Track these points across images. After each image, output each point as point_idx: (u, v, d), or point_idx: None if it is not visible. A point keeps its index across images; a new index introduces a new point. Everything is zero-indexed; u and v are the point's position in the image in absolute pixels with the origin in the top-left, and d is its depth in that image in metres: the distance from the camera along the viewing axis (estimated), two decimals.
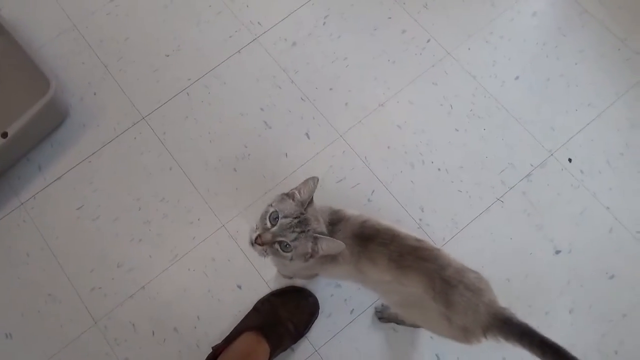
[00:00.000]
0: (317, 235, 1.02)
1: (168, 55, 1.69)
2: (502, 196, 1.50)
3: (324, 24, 1.71)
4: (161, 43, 1.71)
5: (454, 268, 1.03)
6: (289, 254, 1.02)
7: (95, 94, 1.66)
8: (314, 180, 1.05)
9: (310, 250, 1.03)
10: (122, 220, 1.53)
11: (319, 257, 1.05)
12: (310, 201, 1.06)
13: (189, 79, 1.67)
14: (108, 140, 1.61)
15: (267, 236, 1.01)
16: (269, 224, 1.02)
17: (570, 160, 1.53)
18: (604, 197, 1.49)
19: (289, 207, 1.04)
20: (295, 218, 1.02)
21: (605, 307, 1.39)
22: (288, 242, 1.01)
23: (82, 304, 1.45)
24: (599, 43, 1.64)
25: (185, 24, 1.73)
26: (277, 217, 1.02)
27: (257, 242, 1.02)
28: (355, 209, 1.47)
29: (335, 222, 1.12)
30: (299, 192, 1.06)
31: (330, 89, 1.64)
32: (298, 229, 1.01)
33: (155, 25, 1.73)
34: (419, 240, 1.06)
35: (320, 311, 1.42)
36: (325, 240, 1.02)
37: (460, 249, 1.46)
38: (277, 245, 1.02)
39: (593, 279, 1.42)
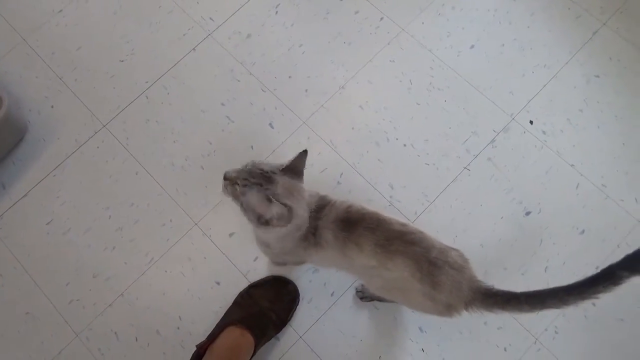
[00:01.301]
0: (271, 197, 1.03)
1: (123, 61, 1.68)
2: (468, 164, 1.52)
3: (277, 12, 1.70)
4: (114, 49, 1.69)
5: (438, 249, 1.06)
6: (240, 202, 1.06)
7: (52, 107, 1.64)
8: (302, 152, 1.09)
9: (259, 210, 1.04)
10: (94, 230, 1.52)
11: (276, 227, 1.05)
12: (294, 172, 1.09)
13: (147, 82, 1.65)
14: (71, 152, 1.59)
15: (231, 174, 1.07)
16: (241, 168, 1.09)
17: (531, 122, 1.55)
18: (568, 154, 1.52)
19: (268, 165, 1.08)
20: (263, 173, 1.05)
21: (578, 262, 1.42)
22: (240, 185, 1.04)
23: (61, 318, 1.44)
24: (549, 4, 1.66)
25: (137, 27, 1.71)
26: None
27: (224, 177, 1.08)
28: (325, 193, 1.50)
29: (321, 207, 1.14)
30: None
31: (289, 77, 1.64)
32: (256, 181, 1.04)
33: (107, 32, 1.71)
34: (403, 225, 1.08)
35: (300, 297, 1.43)
36: (276, 207, 1.02)
37: (433, 221, 1.48)
38: (236, 187, 1.06)
39: (564, 235, 1.45)
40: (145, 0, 1.73)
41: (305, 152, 1.10)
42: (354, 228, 1.09)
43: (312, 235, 1.14)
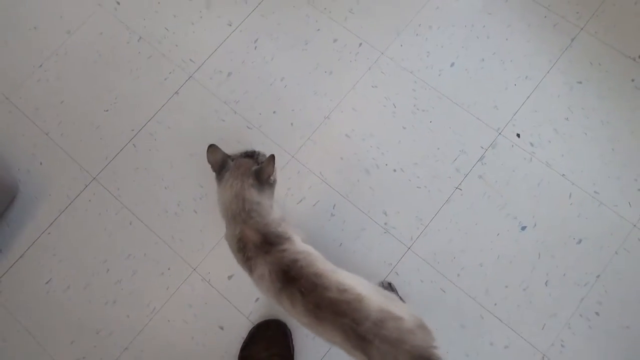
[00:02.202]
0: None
1: (107, 110, 1.68)
2: (460, 184, 1.52)
3: (256, 48, 1.71)
4: (98, 99, 1.69)
5: (373, 320, 1.02)
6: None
7: (41, 164, 1.64)
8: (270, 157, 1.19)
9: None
10: (93, 285, 1.52)
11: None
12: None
13: (133, 130, 1.65)
14: (63, 208, 1.59)
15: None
16: None
17: (518, 135, 1.55)
18: (558, 164, 1.52)
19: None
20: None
21: (578, 272, 1.42)
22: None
23: None
24: (525, 14, 1.66)
25: (118, 75, 1.71)
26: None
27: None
28: (319, 226, 1.51)
29: (274, 243, 1.13)
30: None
31: (274, 112, 1.64)
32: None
33: (89, 83, 1.71)
34: (342, 291, 1.05)
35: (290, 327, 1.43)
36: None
37: (429, 244, 1.48)
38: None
39: (562, 247, 1.45)
40: (124, 48, 1.74)
41: (272, 156, 1.18)
42: (289, 284, 1.08)
43: (248, 258, 1.14)
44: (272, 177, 1.19)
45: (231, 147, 1.61)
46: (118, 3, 1.78)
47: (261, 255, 1.12)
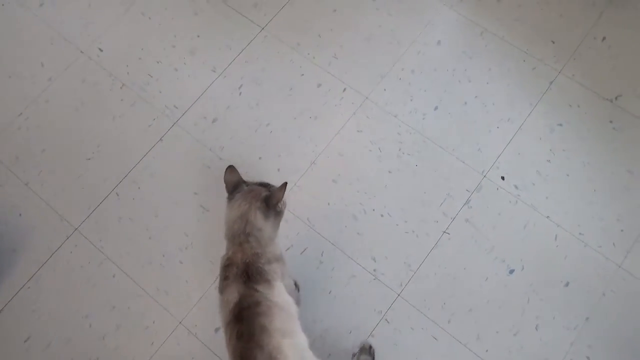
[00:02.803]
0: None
1: (89, 159, 1.64)
2: (447, 228, 1.52)
3: (240, 94, 1.70)
4: (80, 147, 1.66)
5: None
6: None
7: (20, 215, 1.59)
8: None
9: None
10: (75, 341, 1.46)
11: None
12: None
13: (116, 178, 1.62)
14: (43, 260, 1.54)
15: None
16: None
17: (503, 178, 1.57)
18: (542, 207, 1.53)
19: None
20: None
21: (567, 315, 1.41)
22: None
23: None
24: (504, 58, 1.70)
25: (101, 123, 1.69)
26: None
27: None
28: (308, 274, 1.48)
29: (252, 278, 1.12)
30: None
31: (260, 158, 1.63)
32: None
33: (70, 130, 1.68)
34: (272, 358, 1.04)
35: None
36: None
37: (419, 290, 1.46)
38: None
39: (550, 290, 1.44)
40: (107, 95, 1.71)
41: (285, 184, 1.22)
42: (236, 322, 1.09)
43: (225, 278, 1.15)
44: (280, 204, 1.21)
45: (217, 195, 1.58)
46: (101, 50, 1.77)
47: (237, 283, 1.13)
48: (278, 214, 1.22)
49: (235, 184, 1.24)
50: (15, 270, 1.53)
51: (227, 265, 1.17)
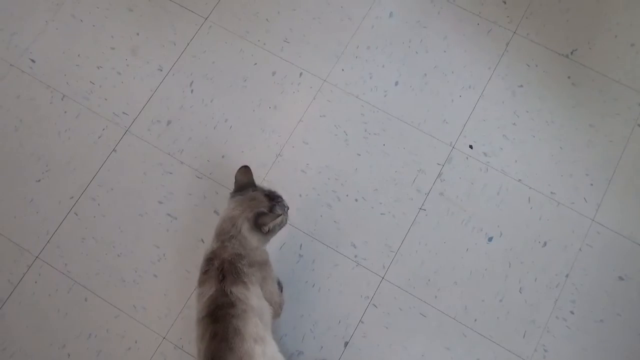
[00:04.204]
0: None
1: (39, 180, 1.50)
2: (422, 204, 1.48)
3: (192, 91, 1.58)
4: (26, 169, 1.51)
5: None
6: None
7: None
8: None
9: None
10: None
11: None
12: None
13: (72, 197, 1.49)
14: (6, 296, 1.41)
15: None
16: None
17: (471, 146, 1.52)
18: (513, 171, 1.50)
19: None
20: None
21: (548, 275, 1.41)
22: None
23: None
24: (459, 24, 1.63)
25: (45, 140, 1.53)
26: None
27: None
28: (289, 270, 1.42)
29: (228, 277, 1.09)
30: None
31: (223, 156, 1.52)
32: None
33: (13, 152, 1.52)
34: None
35: None
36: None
37: (403, 270, 1.42)
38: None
39: (529, 252, 1.43)
40: (47, 109, 1.55)
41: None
42: (209, 320, 1.07)
43: (205, 272, 1.13)
44: (265, 228, 1.15)
45: (183, 201, 1.49)
46: (33, 61, 1.59)
47: (214, 279, 1.11)
48: (263, 233, 1.16)
49: (243, 185, 1.21)
50: None
51: (210, 259, 1.14)
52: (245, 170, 1.23)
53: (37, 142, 1.53)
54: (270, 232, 1.17)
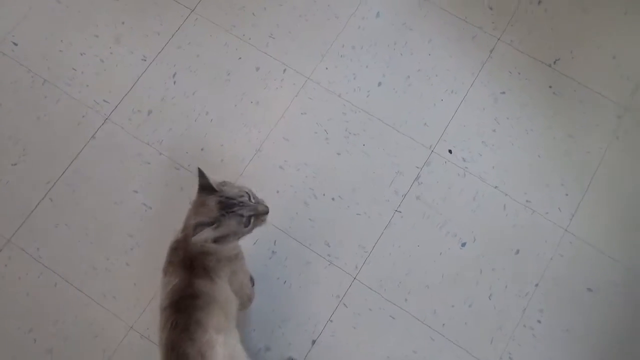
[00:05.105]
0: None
1: (15, 164, 1.46)
2: (398, 207, 1.45)
3: (175, 83, 1.54)
4: (3, 152, 1.47)
5: None
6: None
7: None
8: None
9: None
10: (20, 358, 1.33)
11: None
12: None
13: (48, 182, 1.45)
14: None
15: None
16: None
17: (450, 151, 1.50)
18: (490, 177, 1.47)
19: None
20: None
21: (519, 283, 1.38)
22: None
23: None
24: (444, 28, 1.60)
25: (24, 124, 1.50)
26: None
27: None
28: (262, 265, 1.39)
29: (195, 271, 1.05)
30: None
31: (202, 149, 1.49)
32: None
33: None
34: (201, 354, 0.99)
35: None
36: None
37: (375, 271, 1.39)
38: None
39: (501, 259, 1.41)
40: (28, 93, 1.52)
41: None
42: (172, 310, 1.03)
43: (170, 263, 1.09)
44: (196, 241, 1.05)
45: (160, 191, 1.46)
46: (15, 44, 1.56)
47: (180, 269, 1.07)
48: (214, 242, 1.07)
49: (205, 187, 1.09)
50: None
51: (175, 249, 1.10)
52: (200, 172, 1.10)
53: (15, 126, 1.50)
54: (221, 241, 1.06)
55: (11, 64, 1.54)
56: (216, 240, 1.04)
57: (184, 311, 1.03)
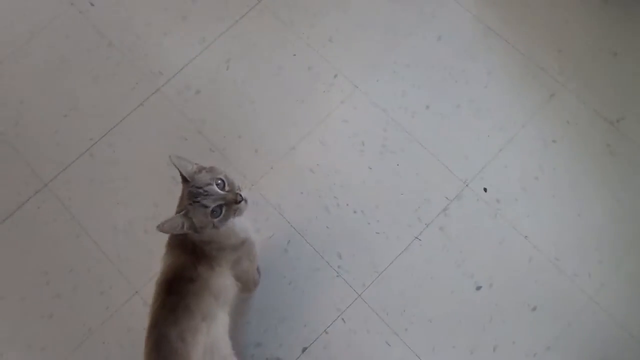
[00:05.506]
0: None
1: (66, 116, 1.53)
2: (420, 234, 1.40)
3: (228, 68, 1.57)
4: (58, 103, 1.55)
5: None
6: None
7: None
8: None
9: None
10: (30, 298, 1.39)
11: None
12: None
13: (91, 139, 1.51)
14: (9, 212, 1.45)
15: None
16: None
17: (485, 189, 1.43)
18: (522, 225, 1.39)
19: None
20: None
21: (529, 341, 1.30)
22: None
23: None
24: (506, 62, 1.53)
25: (82, 81, 1.57)
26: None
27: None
28: (271, 261, 1.38)
29: (197, 252, 1.05)
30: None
31: (239, 136, 1.51)
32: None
33: (50, 84, 1.56)
34: (182, 339, 0.99)
35: None
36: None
37: (381, 293, 1.35)
38: None
39: (515, 312, 1.32)
40: (92, 52, 1.59)
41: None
42: (165, 288, 1.04)
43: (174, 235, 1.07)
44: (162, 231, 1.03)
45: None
46: (92, 4, 1.63)
47: (181, 250, 1.07)
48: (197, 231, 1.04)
49: (182, 176, 1.07)
50: None
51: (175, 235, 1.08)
52: (174, 162, 1.08)
53: (73, 81, 1.57)
54: (200, 231, 1.01)
55: (84, 23, 1.61)
56: (195, 230, 1.01)
57: (176, 293, 1.03)
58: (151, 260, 1.38)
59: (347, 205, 1.43)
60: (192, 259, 1.05)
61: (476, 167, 1.45)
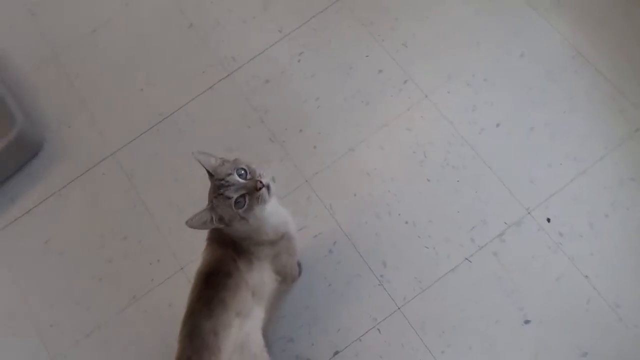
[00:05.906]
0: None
1: (142, 90, 1.59)
2: (471, 256, 1.33)
3: (299, 61, 1.56)
4: (135, 76, 1.61)
5: None
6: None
7: (69, 127, 1.58)
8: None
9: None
10: (85, 258, 1.46)
11: None
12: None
13: (160, 115, 1.56)
14: (77, 174, 1.53)
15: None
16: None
17: (549, 220, 1.34)
18: (584, 263, 1.29)
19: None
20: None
21: None
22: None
23: (41, 342, 1.39)
24: (592, 90, 1.42)
25: (160, 58, 1.62)
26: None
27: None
28: (314, 260, 1.37)
29: (236, 248, 1.04)
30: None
31: (300, 130, 1.50)
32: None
33: (131, 58, 1.63)
34: (214, 333, 0.98)
35: None
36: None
37: (421, 310, 1.30)
38: None
39: (563, 354, 1.23)
40: (173, 31, 1.64)
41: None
42: (204, 279, 1.04)
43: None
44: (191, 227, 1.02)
45: (249, 156, 1.43)
46: None
47: (220, 243, 1.07)
48: (226, 225, 1.02)
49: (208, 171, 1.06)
50: (52, 176, 1.53)
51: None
52: (199, 158, 1.05)
53: (152, 57, 1.63)
54: (230, 224, 0.99)
55: (168, 2, 1.66)
56: (225, 224, 0.99)
57: (212, 287, 1.02)
58: (198, 240, 1.41)
59: (399, 214, 1.39)
60: (231, 253, 1.04)
61: (542, 195, 1.35)
